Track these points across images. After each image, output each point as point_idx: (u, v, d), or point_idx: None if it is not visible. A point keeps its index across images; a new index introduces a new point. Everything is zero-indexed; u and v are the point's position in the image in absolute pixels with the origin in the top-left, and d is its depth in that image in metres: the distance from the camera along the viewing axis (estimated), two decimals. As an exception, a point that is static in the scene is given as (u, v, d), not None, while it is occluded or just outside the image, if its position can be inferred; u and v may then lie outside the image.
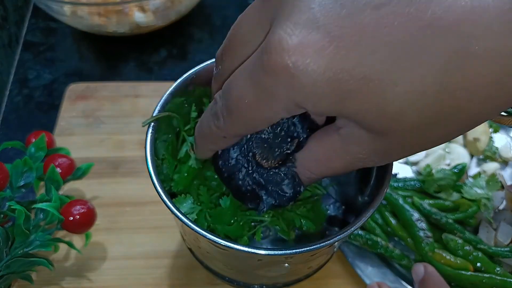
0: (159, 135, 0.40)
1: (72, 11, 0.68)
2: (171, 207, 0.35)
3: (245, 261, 0.39)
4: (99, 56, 0.77)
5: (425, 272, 0.47)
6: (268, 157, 0.31)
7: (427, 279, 0.47)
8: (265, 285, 0.46)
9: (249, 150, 0.32)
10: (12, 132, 0.67)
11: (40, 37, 0.78)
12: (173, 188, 0.40)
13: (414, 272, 0.49)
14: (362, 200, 0.42)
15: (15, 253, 0.46)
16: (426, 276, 0.47)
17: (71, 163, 0.55)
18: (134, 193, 0.60)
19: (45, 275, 0.52)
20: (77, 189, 0.59)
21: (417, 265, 0.49)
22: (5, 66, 0.72)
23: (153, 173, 0.37)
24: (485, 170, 0.61)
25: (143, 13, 0.70)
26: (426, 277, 0.47)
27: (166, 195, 0.36)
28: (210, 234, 0.33)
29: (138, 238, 0.56)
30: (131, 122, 0.67)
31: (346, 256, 0.53)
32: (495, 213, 0.57)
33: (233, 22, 0.29)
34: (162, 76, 0.74)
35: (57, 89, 0.71)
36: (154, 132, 0.39)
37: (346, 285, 0.53)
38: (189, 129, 0.42)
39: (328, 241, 0.33)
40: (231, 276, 0.45)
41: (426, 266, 0.48)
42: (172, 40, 0.78)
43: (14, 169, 0.51)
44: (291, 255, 0.34)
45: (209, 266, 0.46)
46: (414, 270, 0.49)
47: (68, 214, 0.49)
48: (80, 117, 0.67)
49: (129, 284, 0.53)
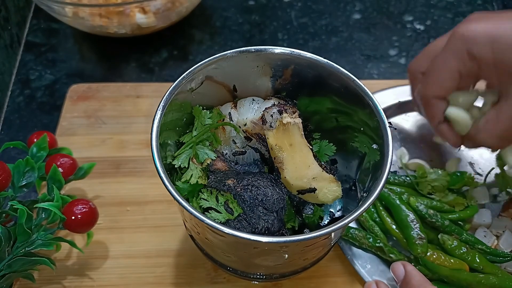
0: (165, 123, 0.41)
1: (74, 12, 0.69)
2: (170, 189, 0.36)
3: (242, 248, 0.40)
4: (101, 57, 0.77)
5: (405, 272, 0.47)
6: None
7: (409, 279, 0.46)
8: (263, 275, 0.47)
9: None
10: (14, 132, 0.67)
11: (41, 38, 0.79)
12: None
13: (394, 273, 0.49)
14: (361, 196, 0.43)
15: (17, 252, 0.46)
16: (407, 275, 0.47)
17: (73, 163, 0.55)
18: (135, 192, 0.60)
19: (47, 274, 0.53)
20: (79, 189, 0.60)
21: (396, 264, 0.49)
22: (7, 66, 0.72)
23: (156, 153, 0.38)
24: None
25: (144, 14, 0.70)
26: (407, 277, 0.47)
27: (167, 179, 0.36)
28: (207, 219, 0.34)
29: (140, 237, 0.57)
30: (132, 122, 0.67)
31: (345, 254, 0.54)
32: (496, 220, 0.57)
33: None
34: (163, 77, 0.74)
35: (59, 89, 0.72)
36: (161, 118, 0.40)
37: (346, 283, 0.54)
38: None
39: (322, 231, 0.34)
40: (230, 265, 0.46)
41: (405, 265, 0.48)
42: (173, 41, 0.79)
43: (16, 169, 0.51)
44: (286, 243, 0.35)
45: (209, 253, 0.47)
46: (394, 270, 0.49)
47: (70, 214, 0.49)
48: (82, 117, 0.67)
49: (130, 283, 0.53)
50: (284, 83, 0.47)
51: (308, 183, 0.40)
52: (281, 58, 0.45)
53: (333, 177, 0.41)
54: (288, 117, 0.40)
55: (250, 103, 0.46)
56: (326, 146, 0.47)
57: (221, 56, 0.43)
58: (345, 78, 0.43)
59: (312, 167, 0.40)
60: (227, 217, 0.39)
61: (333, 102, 0.46)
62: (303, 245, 0.38)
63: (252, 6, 0.84)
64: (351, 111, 0.45)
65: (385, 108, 0.65)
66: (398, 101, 0.67)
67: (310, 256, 0.44)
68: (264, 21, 0.82)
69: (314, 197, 0.40)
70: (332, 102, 0.46)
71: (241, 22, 0.81)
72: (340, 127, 0.47)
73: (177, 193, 0.36)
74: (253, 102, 0.46)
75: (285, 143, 0.40)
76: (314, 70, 0.44)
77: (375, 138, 0.42)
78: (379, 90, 0.67)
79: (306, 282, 0.54)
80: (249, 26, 0.81)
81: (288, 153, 0.40)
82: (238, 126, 0.45)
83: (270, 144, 0.40)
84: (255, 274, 0.47)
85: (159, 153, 0.38)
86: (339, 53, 0.79)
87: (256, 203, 0.39)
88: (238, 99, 0.47)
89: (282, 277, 0.48)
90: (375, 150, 0.42)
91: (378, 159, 0.41)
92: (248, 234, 0.34)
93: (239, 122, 0.45)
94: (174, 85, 0.41)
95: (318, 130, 0.49)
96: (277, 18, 0.83)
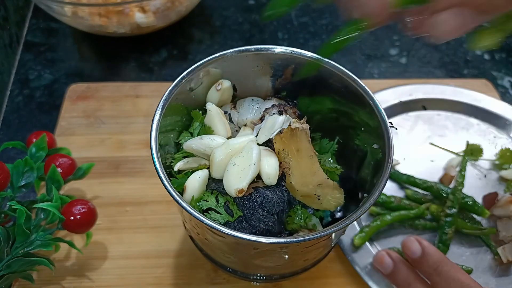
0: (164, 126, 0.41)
1: (73, 12, 0.69)
2: (170, 189, 0.36)
3: (242, 249, 0.40)
4: (100, 56, 0.77)
5: (423, 249, 0.44)
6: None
7: (426, 257, 0.43)
8: (263, 275, 0.46)
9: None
10: (13, 132, 0.67)
11: (41, 38, 0.79)
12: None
13: (408, 249, 0.45)
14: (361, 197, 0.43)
15: (16, 253, 0.46)
16: (425, 253, 0.43)
17: (72, 163, 0.55)
18: (134, 193, 0.60)
19: (46, 275, 0.52)
20: (78, 189, 0.60)
21: (410, 240, 0.44)
22: (6, 66, 0.72)
23: (155, 153, 0.37)
24: None
25: (144, 14, 0.70)
26: (425, 255, 0.43)
27: (166, 179, 0.36)
28: (207, 219, 0.34)
29: (139, 237, 0.56)
30: (131, 122, 0.67)
31: (345, 255, 0.54)
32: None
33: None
34: (162, 77, 0.74)
35: (58, 89, 0.72)
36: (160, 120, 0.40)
37: (346, 284, 0.53)
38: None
39: (322, 232, 0.34)
40: (229, 266, 0.46)
41: (420, 241, 0.45)
42: (173, 41, 0.78)
43: (15, 169, 0.51)
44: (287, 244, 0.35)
45: (209, 254, 0.47)
46: (408, 246, 0.44)
47: (69, 214, 0.49)
48: (81, 117, 0.67)
49: (129, 284, 0.53)
50: (285, 83, 0.47)
51: (313, 190, 0.39)
52: (281, 58, 0.45)
53: (337, 184, 0.41)
54: (297, 122, 0.40)
55: (250, 103, 0.46)
56: (327, 144, 0.47)
57: (220, 55, 0.43)
58: (346, 78, 0.43)
59: (318, 173, 0.40)
60: (227, 218, 0.39)
61: (333, 102, 0.46)
62: (303, 245, 0.38)
63: (252, 5, 0.84)
64: (351, 111, 0.45)
65: (386, 108, 0.65)
66: (399, 101, 0.67)
67: (310, 257, 0.44)
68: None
69: (318, 203, 0.40)
70: (333, 102, 0.46)
71: (241, 22, 0.81)
72: (341, 127, 0.47)
73: (177, 194, 0.35)
74: (253, 102, 0.46)
75: (292, 148, 0.39)
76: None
77: (376, 138, 0.42)
78: (379, 89, 0.67)
79: (306, 283, 0.53)
80: (249, 26, 0.81)
81: (294, 158, 0.40)
82: (238, 127, 0.45)
83: (277, 149, 0.40)
84: (255, 275, 0.47)
85: (159, 153, 0.38)
86: (339, 52, 0.78)
87: (256, 205, 0.39)
88: (237, 99, 0.47)
89: (282, 278, 0.48)
90: (376, 150, 0.42)
91: (379, 159, 0.41)
92: (248, 234, 0.34)
93: (238, 123, 0.45)
94: (174, 84, 0.41)
95: (319, 130, 0.48)
96: (277, 18, 0.82)
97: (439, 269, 0.42)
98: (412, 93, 0.68)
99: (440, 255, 0.44)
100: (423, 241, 0.45)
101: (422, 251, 0.44)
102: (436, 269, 0.42)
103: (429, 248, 0.44)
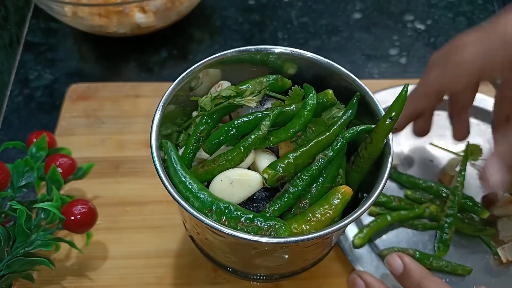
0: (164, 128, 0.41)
1: (73, 12, 0.69)
2: (170, 189, 0.36)
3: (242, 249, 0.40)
4: (100, 56, 0.77)
5: (404, 264, 0.43)
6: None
7: (408, 273, 0.42)
8: (263, 275, 0.46)
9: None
10: (13, 132, 0.67)
11: (41, 38, 0.79)
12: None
13: (390, 266, 0.44)
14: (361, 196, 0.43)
15: (16, 253, 0.46)
16: (406, 269, 0.43)
17: (72, 163, 0.55)
18: (135, 192, 0.60)
19: (46, 275, 0.52)
20: (78, 189, 0.60)
21: (391, 257, 0.44)
22: (6, 66, 0.72)
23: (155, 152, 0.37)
24: None
25: (144, 14, 0.70)
26: (407, 271, 0.43)
27: (166, 179, 0.36)
28: (207, 219, 0.34)
29: (139, 237, 0.56)
30: (132, 122, 0.67)
31: (346, 255, 0.54)
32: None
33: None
34: (162, 77, 0.74)
35: (58, 89, 0.72)
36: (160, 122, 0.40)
37: (346, 284, 0.53)
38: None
39: (322, 232, 0.34)
40: (230, 265, 0.46)
41: (401, 256, 0.44)
42: (173, 41, 0.78)
43: (15, 169, 0.51)
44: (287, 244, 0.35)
45: (209, 254, 0.47)
46: (390, 263, 0.44)
47: (69, 214, 0.49)
48: (81, 117, 0.67)
49: (130, 284, 0.53)
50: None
51: None
52: (281, 58, 0.45)
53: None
54: None
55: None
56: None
57: (220, 55, 0.43)
58: (346, 78, 0.43)
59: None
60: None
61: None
62: (303, 245, 0.38)
63: (252, 5, 0.84)
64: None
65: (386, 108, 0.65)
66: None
67: (310, 257, 0.44)
68: (264, 20, 0.82)
69: None
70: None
71: (241, 22, 0.81)
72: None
73: (177, 193, 0.35)
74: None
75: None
76: (314, 70, 0.44)
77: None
78: (379, 90, 0.67)
79: (306, 282, 0.53)
80: (249, 26, 0.81)
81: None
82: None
83: (282, 155, 0.40)
84: (255, 274, 0.47)
85: (159, 153, 0.38)
86: (339, 52, 0.79)
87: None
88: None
89: (282, 277, 0.48)
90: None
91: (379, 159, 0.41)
92: (248, 234, 0.34)
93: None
94: (174, 84, 0.41)
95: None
96: (277, 18, 0.83)
97: (421, 285, 0.42)
98: (412, 93, 0.68)
99: (423, 270, 0.43)
100: (404, 257, 0.44)
101: (404, 268, 0.43)
102: (418, 284, 0.42)
103: (410, 264, 0.43)
